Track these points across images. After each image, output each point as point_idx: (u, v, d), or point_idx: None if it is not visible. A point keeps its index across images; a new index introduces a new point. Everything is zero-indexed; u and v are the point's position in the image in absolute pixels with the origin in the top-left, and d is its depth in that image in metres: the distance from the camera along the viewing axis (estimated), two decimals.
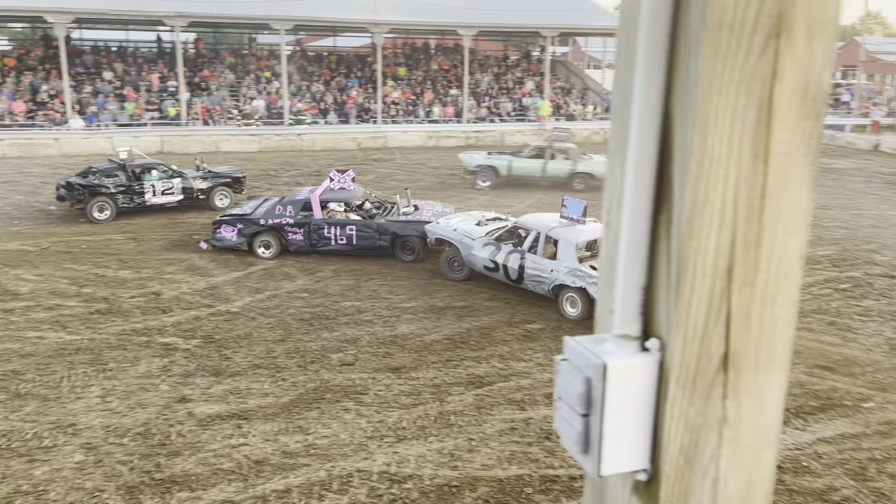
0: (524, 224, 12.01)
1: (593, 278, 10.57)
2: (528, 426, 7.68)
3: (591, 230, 11.49)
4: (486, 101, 33.03)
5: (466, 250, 12.28)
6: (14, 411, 7.67)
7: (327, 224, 13.57)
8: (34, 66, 29.09)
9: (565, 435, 0.84)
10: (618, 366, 0.77)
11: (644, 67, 0.74)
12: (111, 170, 16.13)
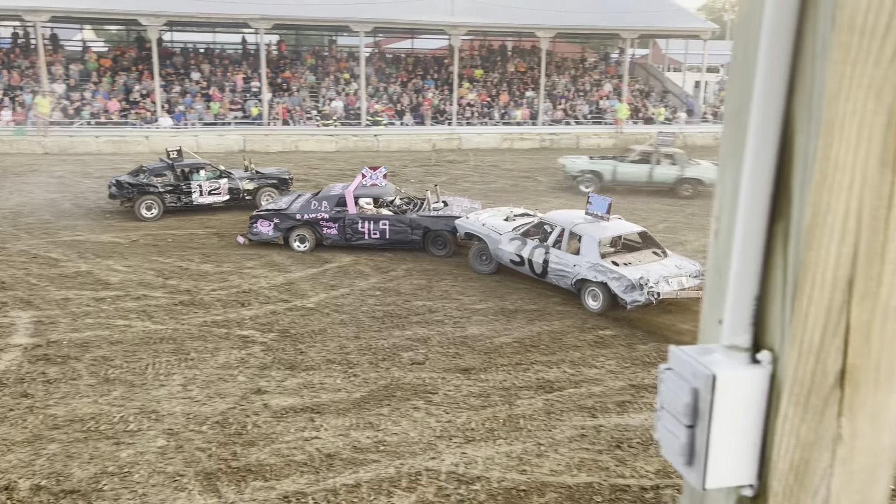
0: (550, 220, 12.32)
1: (614, 273, 10.85)
2: (599, 434, 7.56)
3: (615, 227, 11.86)
4: (563, 104, 32.73)
5: (494, 244, 12.61)
6: (103, 395, 8.05)
7: (361, 219, 13.91)
8: (128, 67, 30.48)
9: (668, 445, 0.82)
10: (727, 377, 0.74)
11: (765, 71, 0.71)
12: (160, 169, 16.39)
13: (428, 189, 16.07)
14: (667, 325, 10.58)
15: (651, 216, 17.76)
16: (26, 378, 8.39)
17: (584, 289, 11.33)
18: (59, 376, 8.45)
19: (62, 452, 6.86)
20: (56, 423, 7.40)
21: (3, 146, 24.60)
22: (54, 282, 11.78)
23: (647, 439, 7.48)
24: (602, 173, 20.19)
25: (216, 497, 6.25)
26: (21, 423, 7.38)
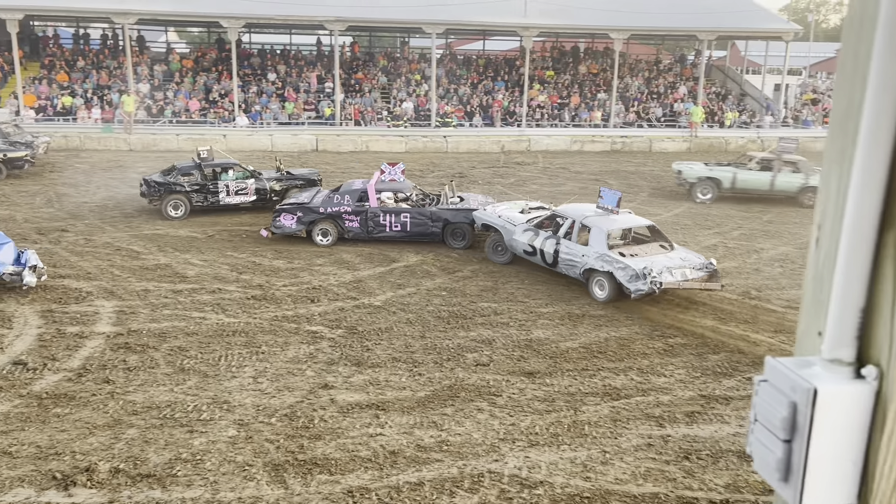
0: (562, 212, 12.81)
1: (620, 263, 11.30)
2: (667, 444, 7.39)
3: (624, 220, 12.38)
4: (635, 106, 32.16)
5: (508, 235, 13.15)
6: (178, 384, 8.34)
7: (383, 212, 14.24)
8: (208, 68, 31.52)
9: (761, 460, 0.79)
10: (829, 392, 0.71)
11: (879, 73, 0.68)
12: (188, 168, 16.52)
13: (445, 185, 16.26)
14: (738, 336, 10.27)
15: (726, 222, 17.27)
16: (108, 365, 8.77)
17: (591, 278, 11.78)
18: (138, 364, 8.80)
19: (140, 438, 7.14)
20: (135, 410, 7.71)
21: (91, 143, 25.79)
22: (136, 273, 12.27)
23: (716, 451, 7.27)
24: (721, 181, 19.52)
25: (283, 488, 6.40)
26: (102, 408, 7.71)
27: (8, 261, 10.88)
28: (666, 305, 11.44)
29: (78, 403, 7.80)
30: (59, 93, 28.49)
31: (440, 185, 20.60)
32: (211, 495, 6.25)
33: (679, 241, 15.44)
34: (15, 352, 9.04)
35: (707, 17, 30.94)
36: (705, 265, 11.66)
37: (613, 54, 31.31)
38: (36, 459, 6.70)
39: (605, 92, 32.54)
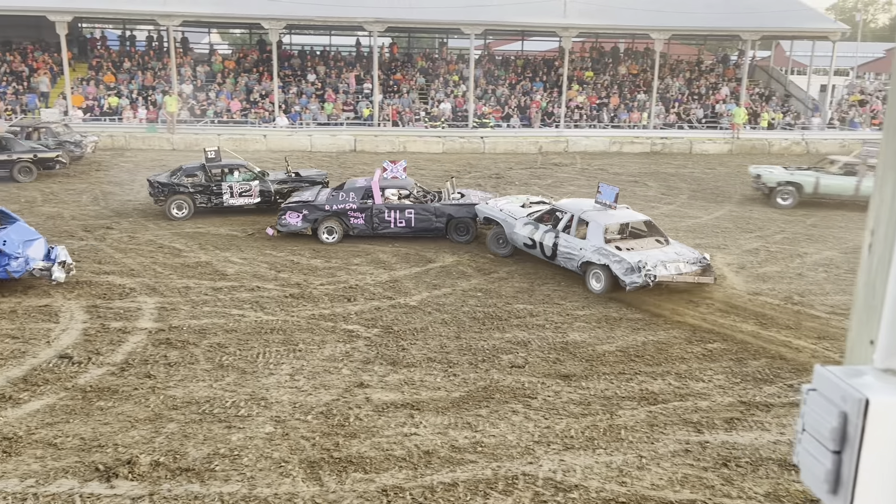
0: (561, 207, 13.25)
1: (616, 256, 11.68)
2: (705, 450, 7.28)
3: (621, 215, 12.77)
4: (676, 107, 31.72)
5: (509, 228, 13.57)
6: (217, 380, 8.47)
7: (388, 208, 14.45)
8: (249, 69, 31.98)
9: (809, 471, 0.77)
10: (882, 403, 0.69)
11: None
12: (192, 170, 16.45)
13: (447, 181, 16.39)
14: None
15: (768, 226, 16.94)
16: (150, 360, 8.95)
17: (588, 271, 12.18)
18: (178, 360, 8.96)
19: (179, 432, 7.27)
20: (175, 404, 7.85)
21: (136, 142, 26.37)
22: (177, 271, 12.50)
23: (756, 459, 7.13)
24: (803, 185, 18.92)
25: (318, 485, 6.45)
26: (144, 402, 7.87)
27: (38, 256, 11.17)
28: (705, 309, 11.26)
29: (120, 397, 7.97)
30: (105, 93, 29.18)
31: (470, 184, 20.58)
32: (248, 490, 6.34)
33: (719, 244, 15.20)
34: (61, 346, 9.28)
35: (751, 16, 30.39)
36: (699, 259, 12.03)
37: (654, 55, 30.93)
38: (80, 451, 6.86)
39: (644, 93, 32.17)
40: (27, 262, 10.90)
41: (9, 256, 10.75)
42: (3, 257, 10.74)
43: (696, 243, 15.28)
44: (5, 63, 30.50)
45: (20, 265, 10.82)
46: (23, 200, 17.67)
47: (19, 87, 29.23)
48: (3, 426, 7.26)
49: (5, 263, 10.72)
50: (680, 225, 16.95)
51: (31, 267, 10.92)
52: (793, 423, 7.87)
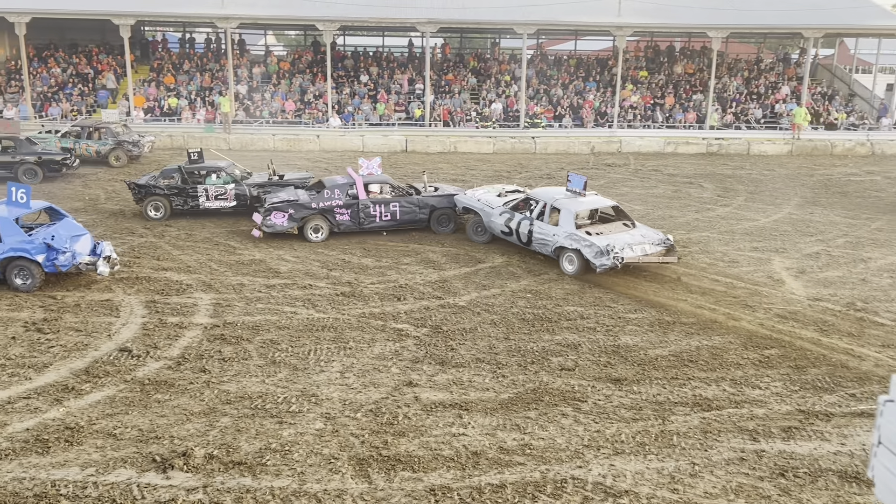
0: (534, 196, 14.00)
1: (586, 241, 12.57)
2: (760, 459, 7.08)
3: (590, 202, 13.60)
4: (733, 107, 30.97)
5: (487, 217, 14.34)
6: (269, 376, 8.62)
7: (373, 203, 14.72)
8: (304, 70, 32.46)
9: (886, 486, 0.73)
10: None
11: None
12: (170, 172, 16.74)
13: (423, 174, 16.53)
14: None
15: (829, 230, 16.40)
16: (205, 355, 9.16)
17: (561, 255, 13.02)
18: (232, 355, 9.15)
19: (232, 426, 7.42)
20: (228, 399, 8.02)
21: (194, 142, 26.98)
22: (232, 268, 12.77)
23: (815, 470, 6.91)
24: None
25: (367, 483, 6.50)
26: (199, 396, 8.06)
27: (85, 251, 11.58)
28: (763, 315, 10.97)
29: (177, 390, 8.18)
30: (165, 94, 30.00)
31: (522, 185, 20.46)
32: (298, 486, 6.43)
33: (777, 248, 14.79)
34: (121, 339, 9.57)
35: (813, 13, 29.46)
36: (663, 240, 12.96)
37: (711, 53, 30.26)
38: (137, 442, 7.06)
39: (701, 93, 31.50)
40: (74, 256, 11.31)
41: (57, 251, 11.19)
42: (52, 252, 11.18)
43: (754, 246, 14.90)
44: (72, 65, 31.62)
45: (67, 259, 11.24)
46: (87, 198, 18.28)
47: (84, 89, 30.27)
48: (66, 416, 7.53)
49: (53, 258, 11.16)
50: (736, 227, 16.55)
51: (78, 261, 11.33)
52: (854, 433, 7.60)
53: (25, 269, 11.18)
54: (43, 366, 8.72)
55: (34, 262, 11.13)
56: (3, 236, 11.09)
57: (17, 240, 11.11)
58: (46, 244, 11.19)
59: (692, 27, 31.27)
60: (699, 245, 14.99)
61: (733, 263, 13.73)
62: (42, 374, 8.49)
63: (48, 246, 11.19)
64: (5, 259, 11.07)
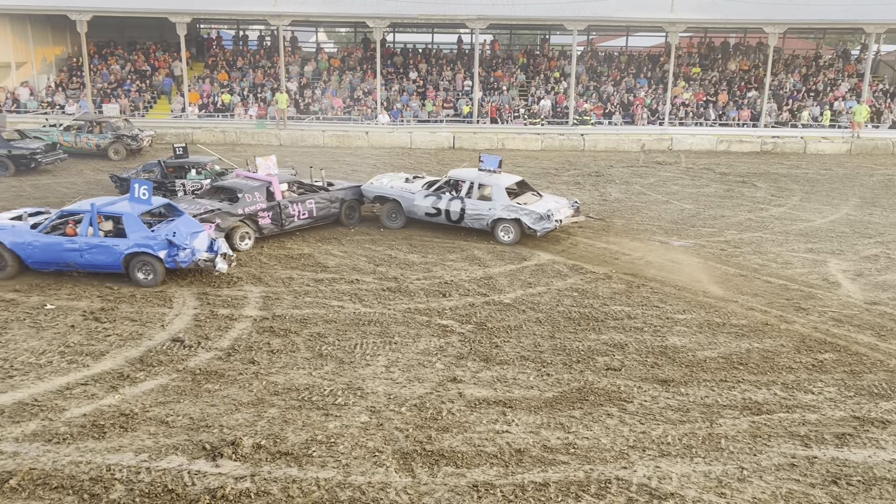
0: (458, 176, 15.11)
1: (525, 210, 14.09)
2: (812, 465, 6.91)
3: (507, 178, 15.07)
4: (790, 105, 30.15)
5: (408, 203, 15.02)
6: (316, 369, 8.75)
7: (291, 202, 14.33)
8: (354, 67, 32.76)
9: None
10: None
11: None
12: (151, 166, 17.03)
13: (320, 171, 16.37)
14: None
15: (890, 231, 15.86)
16: (254, 347, 9.34)
17: (497, 227, 14.29)
18: (280, 347, 9.31)
19: (280, 417, 7.56)
20: (276, 390, 8.17)
21: (246, 138, 27.54)
22: (281, 262, 12.98)
23: (870, 479, 6.71)
24: None
25: (411, 477, 6.55)
26: (247, 387, 8.23)
27: (203, 247, 11.59)
28: (817, 318, 10.68)
29: (226, 381, 8.37)
30: (219, 91, 30.62)
31: (569, 182, 20.26)
32: (343, 477, 6.51)
33: (834, 249, 14.38)
34: (174, 330, 9.83)
35: (876, 7, 28.47)
36: (572, 204, 14.91)
37: (767, 49, 29.50)
38: (188, 430, 7.25)
39: (756, 89, 30.75)
40: (193, 252, 11.33)
41: (178, 247, 11.21)
42: (173, 248, 11.21)
43: (809, 248, 14.51)
44: (130, 62, 32.53)
45: (187, 256, 11.26)
46: None
47: (142, 85, 31.10)
48: (121, 403, 7.77)
49: (174, 254, 11.20)
50: (791, 228, 16.13)
51: (197, 258, 11.36)
52: None
53: (148, 265, 11.28)
54: (100, 354, 9.01)
55: (157, 257, 11.20)
56: (129, 232, 11.29)
57: (141, 235, 11.25)
58: (168, 240, 11.22)
59: (748, 23, 30.54)
60: (751, 245, 14.65)
61: (787, 265, 13.39)
62: (99, 362, 8.78)
63: (170, 242, 11.22)
64: (130, 254, 11.23)
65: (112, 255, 11.29)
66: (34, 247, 11.43)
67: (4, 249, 11.45)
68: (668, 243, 14.66)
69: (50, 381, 8.22)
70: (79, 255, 11.33)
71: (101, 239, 11.38)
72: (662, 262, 13.36)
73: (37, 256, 11.48)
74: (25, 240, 11.46)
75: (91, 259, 11.35)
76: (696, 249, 14.29)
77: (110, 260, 11.32)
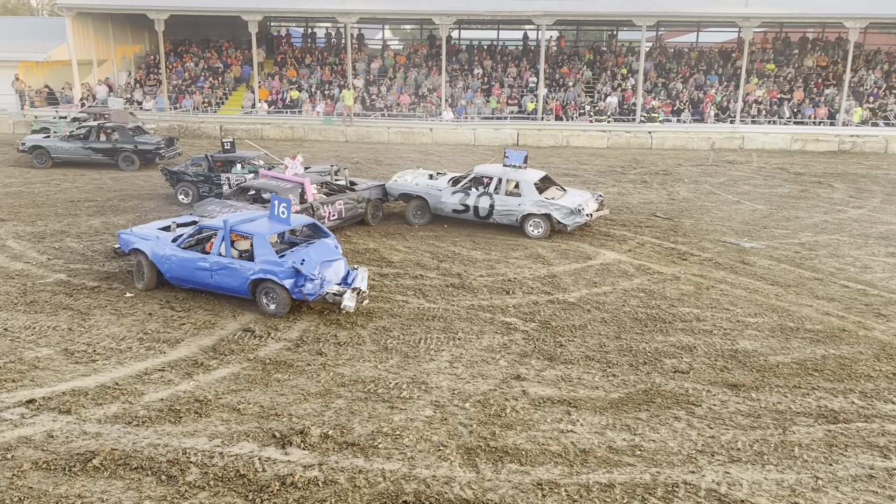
0: (485, 173, 15.06)
1: (555, 205, 14.18)
2: (892, 477, 6.64)
3: (533, 173, 14.93)
4: (871, 102, 28.92)
5: (434, 199, 15.09)
6: (381, 362, 8.87)
7: (322, 204, 14.09)
8: (419, 63, 32.97)
9: None
10: None
11: None
12: (198, 160, 17.30)
13: (345, 171, 16.16)
14: None
15: None
16: (321, 339, 9.52)
17: (526, 222, 14.41)
18: (347, 340, 9.47)
19: (346, 408, 7.69)
20: (343, 382, 8.31)
21: (313, 133, 28.06)
22: (347, 256, 13.12)
23: None
24: None
25: (475, 472, 6.58)
26: (315, 378, 8.40)
27: (335, 279, 10.37)
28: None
29: (295, 371, 8.56)
30: (288, 87, 31.28)
31: (635, 180, 19.93)
32: (408, 470, 6.59)
33: None
34: (245, 320, 10.10)
35: None
36: (597, 197, 14.95)
37: (847, 45, 28.37)
38: (259, 418, 7.46)
39: (833, 86, 29.61)
40: (322, 284, 10.11)
41: (305, 277, 10.00)
42: (300, 278, 10.02)
43: (890, 252, 13.92)
44: (204, 59, 33.53)
45: (315, 288, 10.02)
46: None
47: (215, 82, 32.02)
48: (195, 389, 8.05)
49: (301, 284, 10.00)
50: (870, 231, 15.50)
51: (325, 290, 10.11)
52: None
53: (273, 293, 10.18)
54: (175, 341, 9.34)
55: (282, 286, 10.07)
56: (256, 255, 10.31)
57: (267, 260, 10.17)
58: (295, 268, 10.04)
59: (827, 17, 29.43)
60: (827, 248, 14.14)
61: (866, 269, 12.88)
62: (174, 349, 9.11)
63: (296, 270, 10.04)
64: (256, 279, 10.22)
65: (239, 279, 10.34)
66: (171, 261, 10.80)
67: (146, 260, 11.00)
68: (738, 244, 14.28)
69: (130, 367, 8.58)
70: (209, 276, 10.52)
71: (229, 260, 10.44)
72: (733, 263, 13.03)
73: (174, 272, 10.84)
74: (165, 253, 10.85)
75: (219, 280, 10.48)
76: (768, 251, 13.87)
77: (237, 283, 10.38)
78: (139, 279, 11.18)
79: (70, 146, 21.15)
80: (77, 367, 8.55)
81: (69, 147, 21.15)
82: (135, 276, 11.28)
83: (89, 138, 21.17)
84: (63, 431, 7.11)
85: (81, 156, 21.13)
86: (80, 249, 13.17)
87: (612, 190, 19.16)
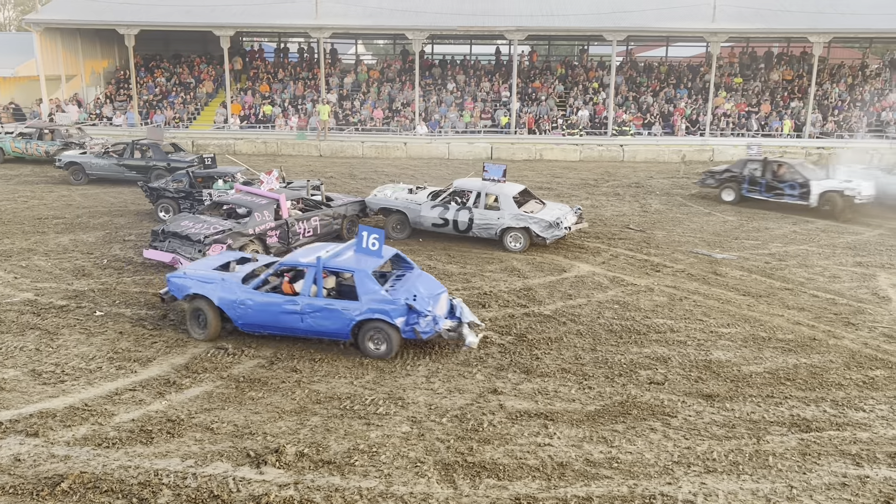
0: (464, 187, 15.11)
1: (534, 218, 14.20)
2: (864, 485, 6.72)
3: (511, 187, 14.98)
4: (835, 115, 29.57)
5: (414, 214, 15.09)
6: (357, 378, 8.79)
7: (297, 220, 13.89)
8: (393, 78, 33.05)
9: None
10: None
11: None
12: (179, 176, 17.09)
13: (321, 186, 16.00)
14: None
15: None
16: (296, 355, 9.42)
17: (506, 235, 14.43)
18: (321, 356, 9.37)
19: (322, 426, 7.61)
20: (318, 399, 8.23)
21: (286, 148, 27.95)
22: None
23: None
24: None
25: (452, 488, 6.54)
26: (290, 395, 8.31)
27: (443, 313, 9.62)
28: (867, 333, 10.41)
29: (269, 388, 8.46)
30: (261, 102, 31.14)
31: (608, 193, 20.10)
32: (385, 487, 6.53)
33: (883, 263, 14.04)
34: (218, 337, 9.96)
35: None
36: (576, 210, 15.02)
37: (811, 59, 29.01)
38: (233, 437, 7.35)
39: (799, 100, 30.24)
40: (436, 321, 9.27)
41: (419, 314, 9.13)
42: (413, 314, 9.13)
43: (857, 261, 14.18)
44: (175, 74, 33.28)
45: (429, 325, 9.16)
46: None
47: (186, 97, 31.78)
48: (168, 409, 7.91)
49: (414, 321, 9.11)
50: (838, 241, 15.79)
51: (440, 327, 9.32)
52: None
53: (381, 333, 9.21)
54: (147, 360, 9.19)
55: (393, 325, 9.12)
56: (361, 293, 9.25)
57: (375, 298, 9.18)
58: (408, 305, 9.15)
59: (792, 32, 30.10)
60: (797, 259, 14.38)
61: (835, 279, 13.10)
62: (146, 368, 8.95)
63: (409, 307, 9.15)
64: (362, 320, 9.23)
65: (341, 321, 9.24)
66: (247, 306, 9.53)
67: (210, 307, 9.67)
68: (710, 256, 14.45)
69: (100, 387, 8.41)
70: (299, 319, 9.37)
71: (327, 301, 9.37)
72: (705, 274, 13.18)
73: (250, 318, 9.58)
74: (238, 297, 9.58)
75: (314, 324, 9.35)
76: (739, 262, 14.06)
77: (337, 326, 9.29)
78: (198, 328, 9.83)
79: (105, 163, 21.16)
80: (45, 388, 8.36)
81: (104, 164, 21.16)
82: (190, 324, 9.90)
83: (124, 155, 21.07)
84: (30, 455, 6.94)
85: (116, 172, 21.06)
86: (48, 268, 12.93)
87: (585, 203, 19.31)
